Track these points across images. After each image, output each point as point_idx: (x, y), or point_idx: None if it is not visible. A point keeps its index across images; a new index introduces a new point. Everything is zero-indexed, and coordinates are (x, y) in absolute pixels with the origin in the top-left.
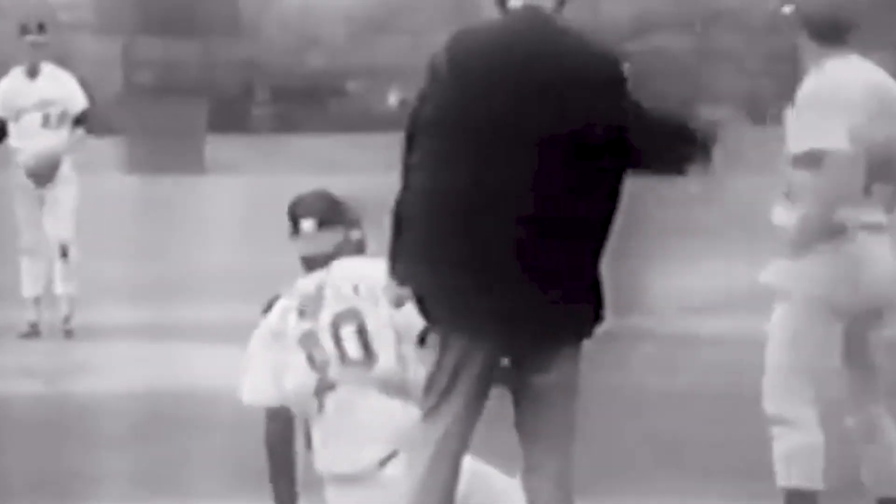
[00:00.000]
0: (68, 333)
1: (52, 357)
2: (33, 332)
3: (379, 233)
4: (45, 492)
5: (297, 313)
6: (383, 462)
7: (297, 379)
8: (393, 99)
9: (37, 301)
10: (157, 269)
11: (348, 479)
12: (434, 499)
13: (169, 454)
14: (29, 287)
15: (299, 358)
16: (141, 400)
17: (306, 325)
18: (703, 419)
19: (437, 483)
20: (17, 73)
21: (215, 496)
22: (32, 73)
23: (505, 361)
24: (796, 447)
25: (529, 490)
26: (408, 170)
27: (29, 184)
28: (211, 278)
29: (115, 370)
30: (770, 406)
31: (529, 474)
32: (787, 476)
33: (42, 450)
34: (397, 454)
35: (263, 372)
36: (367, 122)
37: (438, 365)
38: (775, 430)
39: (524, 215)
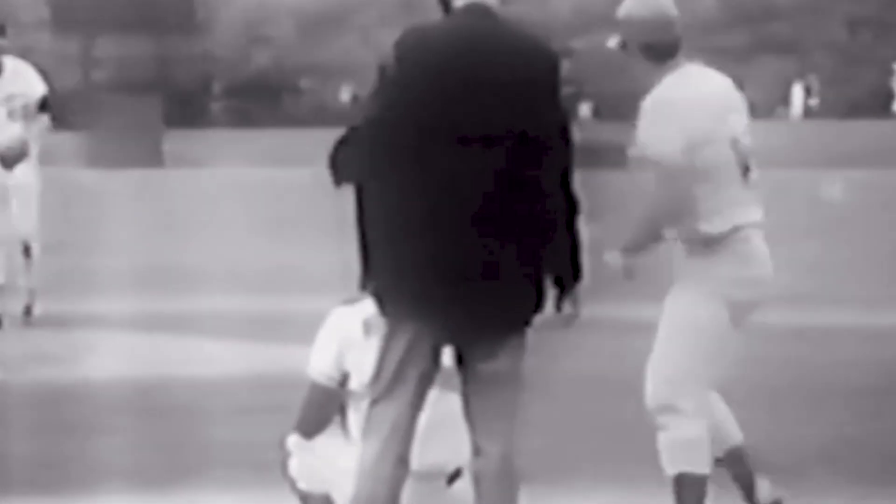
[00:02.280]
0: (28, 323)
1: (13, 346)
2: None
3: (332, 217)
4: (29, 479)
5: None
6: (452, 478)
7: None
8: (345, 94)
9: (0, 290)
10: (132, 261)
11: (416, 477)
12: (384, 482)
13: (154, 443)
14: None
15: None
16: (117, 387)
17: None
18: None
19: (388, 465)
20: None
21: (195, 488)
22: None
23: (447, 356)
24: (688, 436)
25: (475, 474)
26: (364, 167)
27: None
28: (187, 270)
29: (92, 359)
30: (662, 396)
31: (475, 459)
32: (681, 463)
33: (20, 438)
34: (463, 473)
35: (331, 351)
36: (319, 117)
37: (388, 352)
38: (662, 420)
39: (470, 211)
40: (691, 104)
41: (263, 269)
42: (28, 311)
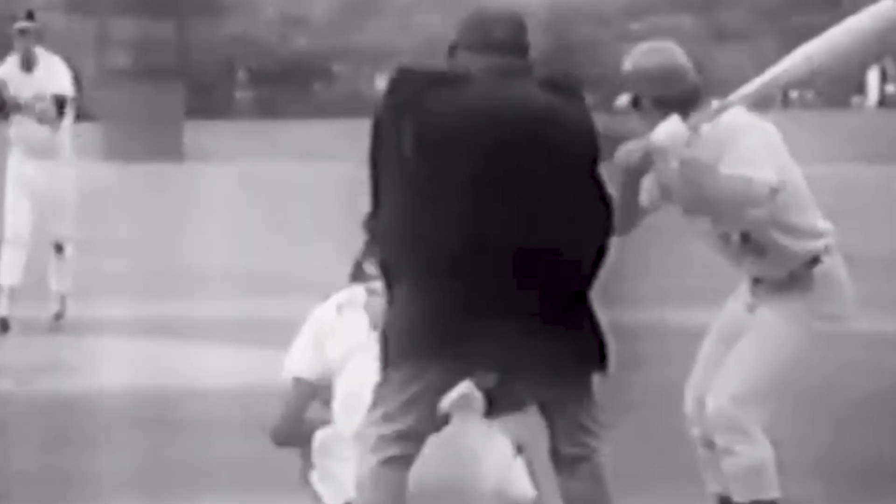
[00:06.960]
0: (56, 329)
1: (26, 353)
2: (2, 327)
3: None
4: (30, 491)
5: (367, 291)
6: None
7: (357, 338)
8: (382, 82)
9: (10, 293)
10: (145, 263)
11: None
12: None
13: (159, 454)
14: (6, 276)
15: (363, 321)
16: (129, 398)
17: (376, 299)
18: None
19: (386, 488)
20: (12, 63)
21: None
22: (28, 65)
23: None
24: (758, 461)
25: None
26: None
27: (23, 173)
28: (202, 273)
29: (102, 367)
30: (729, 415)
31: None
32: (753, 491)
33: (24, 450)
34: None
35: (309, 345)
36: (353, 106)
37: (407, 388)
38: (725, 441)
39: (513, 256)
40: (769, 129)
41: (284, 274)
42: (59, 316)
